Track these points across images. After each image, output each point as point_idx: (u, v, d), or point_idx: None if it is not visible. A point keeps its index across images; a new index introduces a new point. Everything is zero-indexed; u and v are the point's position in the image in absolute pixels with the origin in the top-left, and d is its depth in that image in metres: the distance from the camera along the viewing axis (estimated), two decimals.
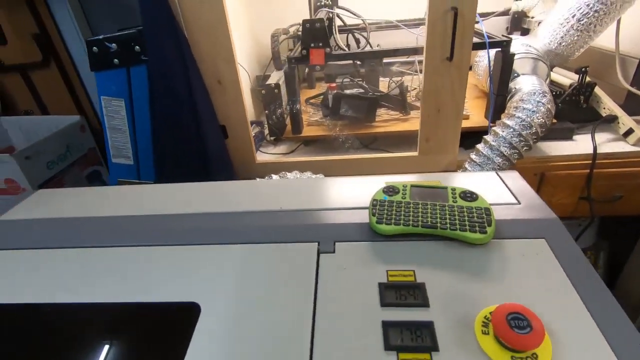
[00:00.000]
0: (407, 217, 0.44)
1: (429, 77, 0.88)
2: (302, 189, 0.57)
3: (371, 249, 0.43)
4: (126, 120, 0.99)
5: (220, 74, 0.92)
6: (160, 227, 0.50)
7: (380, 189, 0.50)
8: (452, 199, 0.47)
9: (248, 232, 0.47)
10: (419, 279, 0.39)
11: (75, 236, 0.50)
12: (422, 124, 0.95)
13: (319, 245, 0.45)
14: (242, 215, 0.51)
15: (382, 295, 0.38)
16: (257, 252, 0.45)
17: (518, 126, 0.88)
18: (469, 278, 0.39)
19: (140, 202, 0.57)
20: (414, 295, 0.38)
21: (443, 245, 0.43)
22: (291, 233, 0.47)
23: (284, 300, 0.38)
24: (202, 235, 0.48)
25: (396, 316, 0.36)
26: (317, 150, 1.20)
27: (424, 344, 0.33)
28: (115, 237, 0.49)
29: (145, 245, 0.47)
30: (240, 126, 0.99)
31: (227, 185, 0.62)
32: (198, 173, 0.97)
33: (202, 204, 0.54)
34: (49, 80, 1.75)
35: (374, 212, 0.46)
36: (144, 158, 1.05)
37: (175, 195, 0.59)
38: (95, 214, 0.54)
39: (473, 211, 0.44)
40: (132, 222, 0.52)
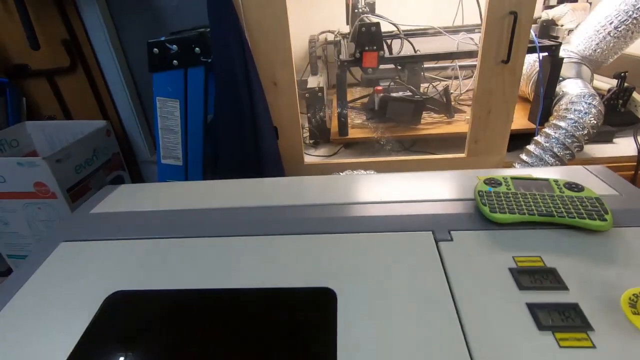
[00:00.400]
0: (520, 206, 0.46)
1: (482, 79, 0.90)
2: (384, 184, 0.58)
3: (489, 237, 0.44)
4: (179, 121, 1.00)
5: (277, 76, 0.93)
6: (277, 217, 0.51)
7: (480, 181, 0.51)
8: (557, 189, 0.48)
9: (361, 222, 0.48)
10: (548, 264, 0.40)
11: (200, 226, 0.51)
12: (472, 125, 0.97)
13: (434, 234, 0.45)
14: (346, 207, 0.52)
15: (517, 280, 0.39)
16: (375, 240, 0.45)
17: (570, 127, 0.90)
18: (598, 263, 0.40)
19: (243, 195, 0.58)
20: (549, 279, 0.38)
21: (562, 233, 0.44)
22: (402, 223, 0.48)
23: (419, 287, 0.39)
24: (319, 224, 0.49)
25: (538, 299, 0.37)
26: (358, 153, 1.22)
27: (576, 324, 0.34)
28: (234, 228, 0.49)
29: (269, 235, 0.47)
30: (292, 127, 1.00)
31: (307, 180, 0.63)
32: (251, 173, 0.98)
33: (305, 197, 0.55)
34: (75, 86, 1.76)
35: (484, 202, 0.47)
36: (193, 159, 1.06)
37: (273, 188, 0.60)
38: (205, 206, 0.55)
39: (584, 201, 0.46)
40: (249, 214, 0.53)
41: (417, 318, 0.36)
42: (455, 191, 0.54)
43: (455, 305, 0.37)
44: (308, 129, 1.27)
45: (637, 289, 0.36)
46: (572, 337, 0.33)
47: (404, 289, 0.39)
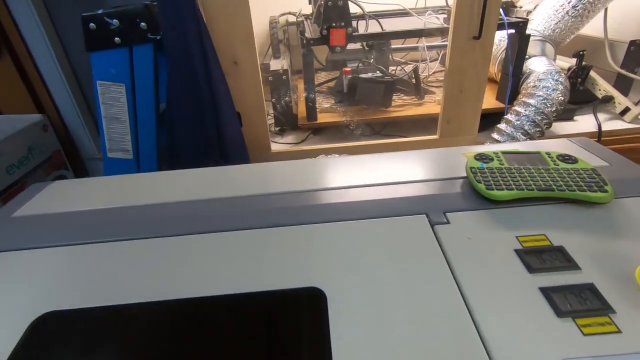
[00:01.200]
0: (517, 182, 0.42)
1: (454, 56, 0.88)
2: (364, 166, 0.53)
3: (488, 216, 0.40)
4: (127, 109, 0.88)
5: (238, 55, 0.85)
6: (247, 209, 0.44)
7: (470, 158, 0.47)
8: (552, 162, 0.45)
9: (345, 209, 0.42)
10: (554, 242, 0.37)
11: (153, 224, 0.42)
12: (444, 105, 0.94)
13: (428, 217, 0.41)
14: (325, 193, 0.46)
15: (525, 262, 0.35)
16: (363, 229, 0.40)
17: (539, 104, 0.90)
18: (606, 238, 0.37)
19: (205, 185, 0.50)
20: (559, 259, 0.35)
21: (563, 208, 0.41)
22: (391, 207, 0.42)
23: (419, 277, 0.34)
24: (297, 214, 0.42)
25: (550, 281, 0.33)
26: (327, 139, 1.16)
27: (596, 306, 0.31)
28: (196, 224, 0.41)
29: (239, 230, 0.40)
30: (256, 112, 0.92)
31: (279, 166, 0.56)
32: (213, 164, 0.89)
33: (278, 184, 0.48)
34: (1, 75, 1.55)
35: (478, 179, 0.43)
36: (145, 151, 0.94)
37: (239, 176, 0.52)
38: (159, 201, 0.46)
39: (581, 172, 0.43)
40: (212, 206, 0.45)
41: (421, 314, 0.31)
42: (443, 170, 0.50)
43: (463, 296, 0.32)
44: (273, 115, 1.19)
45: None
46: (595, 322, 0.30)
47: (402, 282, 0.34)
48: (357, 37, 0.93)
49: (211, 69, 0.80)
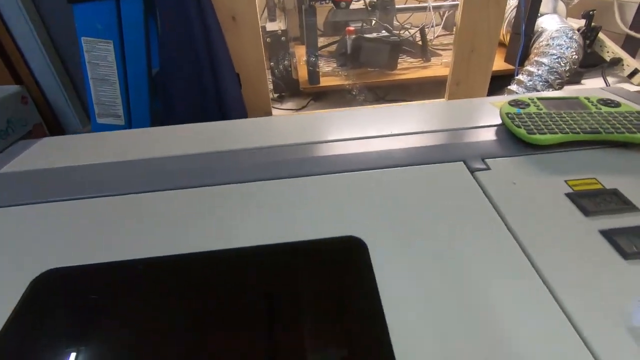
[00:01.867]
0: (560, 126, 0.39)
1: (466, 13, 0.83)
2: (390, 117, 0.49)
3: (531, 162, 0.37)
4: (115, 69, 0.81)
5: (236, 9, 0.78)
6: (270, 160, 0.39)
7: (504, 104, 0.44)
8: (593, 107, 0.42)
9: (376, 157, 0.39)
10: (606, 185, 0.34)
11: (162, 177, 0.38)
12: (454, 65, 0.90)
13: (466, 164, 0.37)
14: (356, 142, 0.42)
15: (580, 205, 0.32)
16: (398, 176, 0.36)
17: (553, 63, 0.86)
18: None
19: (217, 138, 0.45)
20: (614, 202, 0.32)
21: (610, 152, 0.38)
22: (425, 154, 0.39)
23: (465, 224, 0.31)
24: (329, 163, 0.38)
25: (609, 224, 0.30)
26: (330, 105, 1.11)
27: None
28: (212, 175, 0.37)
29: (262, 180, 0.36)
30: (257, 73, 0.86)
31: (300, 119, 0.51)
32: None
33: (304, 134, 0.44)
34: None
35: (517, 124, 0.40)
36: (138, 116, 0.88)
37: (254, 129, 0.48)
38: (165, 154, 0.42)
39: (626, 115, 0.40)
40: (231, 158, 0.40)
41: (473, 261, 0.28)
42: (473, 118, 0.46)
43: (517, 242, 0.29)
44: (272, 81, 1.13)
45: None
46: None
47: (447, 229, 0.30)
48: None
49: (209, 25, 0.73)
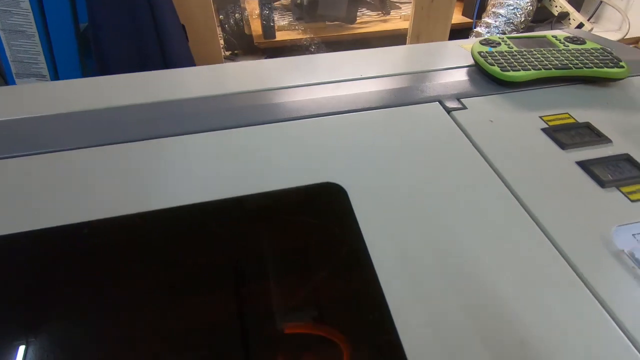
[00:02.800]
0: (532, 63, 0.38)
1: None
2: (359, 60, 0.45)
3: (505, 99, 0.36)
4: (32, 18, 0.69)
5: None
6: (234, 106, 0.35)
7: (475, 44, 0.42)
8: (560, 44, 0.41)
9: (350, 101, 0.35)
10: (578, 119, 0.34)
11: (118, 127, 0.32)
12: (414, 16, 0.87)
13: (442, 104, 0.35)
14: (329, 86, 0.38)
15: (555, 139, 0.31)
16: (374, 118, 0.33)
17: (509, 14, 0.86)
18: (628, 112, 0.35)
19: (174, 86, 0.39)
20: (588, 135, 0.32)
21: (579, 88, 0.38)
22: (399, 96, 0.36)
23: (447, 163, 0.29)
24: (301, 108, 0.34)
25: (585, 156, 0.30)
26: None
27: (636, 174, 0.28)
28: (174, 125, 0.32)
29: (234, 128, 0.32)
30: (205, 24, 0.78)
31: (264, 63, 0.46)
32: None
33: (270, 80, 0.39)
34: None
35: (490, 62, 0.38)
36: (67, 73, 0.77)
37: (228, 73, 0.42)
38: (120, 103, 0.35)
39: (592, 52, 0.40)
40: (192, 106, 0.35)
41: (457, 198, 0.26)
42: (444, 60, 0.44)
43: (500, 177, 0.28)
44: (222, 37, 1.03)
45: None
46: (637, 189, 0.27)
47: (426, 169, 0.29)
48: None
49: None
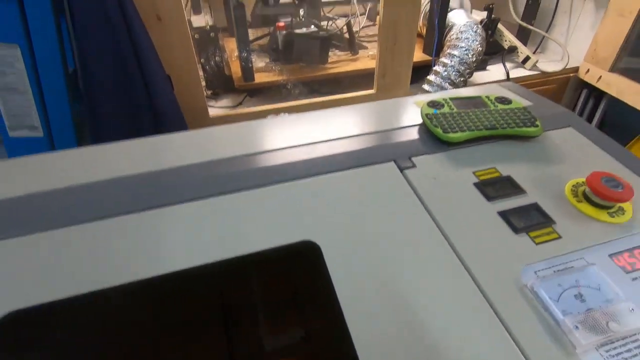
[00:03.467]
0: (468, 124, 0.46)
1: (387, 9, 0.89)
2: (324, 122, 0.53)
3: (448, 157, 0.44)
4: (26, 76, 0.74)
5: (160, 7, 0.75)
6: (212, 175, 0.41)
7: (423, 105, 0.51)
8: (491, 104, 0.50)
9: (317, 164, 0.43)
10: (503, 173, 0.42)
11: (131, 199, 0.37)
12: (379, 58, 0.97)
13: (397, 163, 0.43)
14: (294, 150, 0.45)
15: (483, 193, 0.40)
16: (339, 180, 0.41)
17: (463, 55, 0.98)
18: (541, 164, 0.43)
19: (156, 155, 0.45)
20: (508, 187, 0.41)
21: (505, 144, 0.46)
22: (361, 157, 0.44)
23: (399, 217, 0.37)
24: (270, 174, 0.41)
25: (505, 205, 0.38)
26: (266, 100, 1.12)
27: (541, 220, 0.37)
28: (154, 198, 0.38)
29: (214, 196, 0.38)
30: (189, 73, 0.84)
31: (233, 128, 0.53)
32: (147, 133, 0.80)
33: (243, 146, 0.46)
34: None
35: (435, 124, 0.47)
36: (59, 125, 0.81)
37: (203, 141, 0.48)
38: (102, 177, 0.41)
39: (515, 112, 0.49)
40: (172, 176, 0.41)
41: (407, 247, 0.34)
42: (400, 119, 0.52)
43: (438, 227, 0.36)
44: (204, 78, 1.10)
45: (575, 180, 0.41)
46: (542, 233, 0.36)
47: (385, 223, 0.36)
48: None
49: (133, 26, 0.70)
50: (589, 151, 0.46)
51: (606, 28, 1.12)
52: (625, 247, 0.35)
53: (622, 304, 0.30)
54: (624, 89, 1.10)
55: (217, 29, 1.01)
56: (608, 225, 0.37)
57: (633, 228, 0.37)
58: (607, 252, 0.34)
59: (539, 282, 0.31)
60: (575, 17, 1.26)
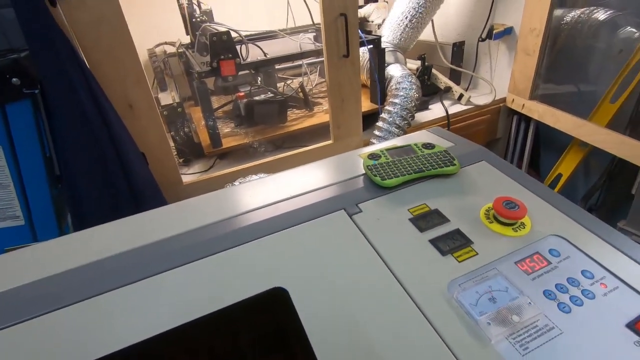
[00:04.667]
0: (400, 170, 0.57)
1: (332, 73, 1.03)
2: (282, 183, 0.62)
3: (387, 200, 0.54)
4: (8, 172, 0.80)
5: (131, 97, 0.85)
6: (189, 242, 0.48)
7: (365, 158, 0.61)
8: (419, 150, 0.62)
9: (278, 221, 0.51)
10: (432, 207, 0.52)
11: (119, 274, 0.43)
12: (332, 114, 1.10)
13: (346, 211, 0.52)
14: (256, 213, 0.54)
15: (417, 226, 0.49)
16: (298, 234, 0.49)
17: (403, 102, 1.12)
18: (460, 196, 0.54)
19: (150, 229, 0.52)
20: (436, 218, 0.50)
21: (431, 182, 0.57)
22: (316, 210, 0.53)
23: (352, 257, 0.45)
24: (237, 236, 0.49)
25: (434, 234, 0.48)
26: (234, 161, 1.21)
27: (462, 242, 0.46)
28: (154, 264, 0.45)
29: (188, 263, 0.45)
30: (161, 149, 0.93)
31: (200, 200, 0.60)
32: (126, 210, 0.87)
33: (212, 215, 0.54)
34: None
35: (375, 173, 0.57)
36: (40, 214, 0.87)
37: (177, 215, 0.55)
38: (81, 263, 0.47)
39: (437, 155, 0.60)
40: (156, 248, 0.48)
41: (359, 281, 0.42)
42: (347, 171, 0.62)
43: (382, 258, 0.45)
44: (174, 148, 1.19)
45: (486, 205, 0.51)
46: (464, 252, 0.45)
47: (339, 263, 0.44)
48: (245, 66, 1.01)
49: (107, 115, 0.79)
50: (497, 180, 0.57)
51: (519, 65, 1.32)
52: (526, 254, 0.45)
53: (522, 299, 0.39)
54: (543, 112, 1.28)
55: (183, 103, 1.12)
56: (513, 239, 0.47)
57: (532, 238, 0.47)
58: (513, 260, 0.44)
59: (460, 291, 0.40)
60: (494, 57, 1.48)
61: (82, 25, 0.74)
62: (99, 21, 0.75)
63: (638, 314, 0.37)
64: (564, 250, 0.45)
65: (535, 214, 0.50)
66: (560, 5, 1.26)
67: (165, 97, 1.27)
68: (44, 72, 0.71)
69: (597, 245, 0.45)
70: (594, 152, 1.26)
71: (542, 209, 0.51)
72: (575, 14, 1.32)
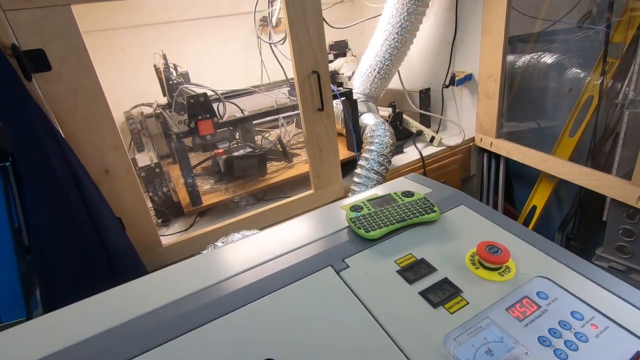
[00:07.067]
0: (383, 221, 0.57)
1: (308, 126, 1.07)
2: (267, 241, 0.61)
3: (373, 252, 0.54)
4: None
5: (108, 163, 0.84)
6: (171, 315, 0.46)
7: (347, 210, 0.61)
8: (399, 199, 0.63)
9: (265, 284, 0.49)
10: (417, 256, 0.52)
11: None
12: (311, 164, 1.12)
13: (333, 267, 0.52)
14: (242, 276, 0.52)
15: (405, 277, 0.49)
16: (285, 297, 0.48)
17: (378, 149, 1.16)
18: (444, 242, 0.54)
19: (128, 305, 0.49)
20: (423, 268, 0.50)
21: (415, 230, 0.57)
22: (303, 269, 0.52)
23: (342, 317, 0.44)
24: (222, 305, 0.47)
25: (423, 285, 0.47)
26: (215, 217, 1.19)
27: (452, 292, 0.46)
28: (142, 341, 0.41)
29: (171, 340, 0.42)
30: (139, 213, 0.91)
31: (200, 260, 0.59)
32: (102, 280, 0.82)
33: (194, 282, 0.52)
34: None
35: (358, 226, 0.57)
36: (6, 293, 0.80)
37: (156, 285, 0.52)
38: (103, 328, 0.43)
39: (418, 202, 0.61)
40: (135, 326, 0.45)
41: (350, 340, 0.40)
42: (330, 225, 0.62)
43: (372, 315, 0.44)
44: (152, 209, 1.16)
45: (471, 251, 0.52)
46: (454, 302, 0.45)
47: (329, 324, 0.43)
48: (223, 124, 1.03)
49: (82, 184, 0.77)
50: (477, 223, 0.58)
51: (482, 107, 1.41)
52: (516, 299, 0.45)
53: (519, 349, 0.38)
54: (510, 149, 1.35)
55: (161, 162, 1.11)
56: (501, 284, 0.47)
57: (518, 282, 0.47)
58: (504, 307, 0.44)
59: (456, 347, 0.39)
60: (459, 101, 1.58)
61: (58, 96, 0.75)
62: (75, 92, 0.76)
63: (632, 354, 0.37)
64: (551, 292, 0.45)
65: (517, 256, 0.50)
66: (511, 52, 1.38)
67: (142, 158, 1.26)
68: (17, 145, 0.70)
69: (580, 284, 0.46)
70: (562, 183, 1.33)
71: (523, 250, 0.52)
72: (526, 59, 1.45)
